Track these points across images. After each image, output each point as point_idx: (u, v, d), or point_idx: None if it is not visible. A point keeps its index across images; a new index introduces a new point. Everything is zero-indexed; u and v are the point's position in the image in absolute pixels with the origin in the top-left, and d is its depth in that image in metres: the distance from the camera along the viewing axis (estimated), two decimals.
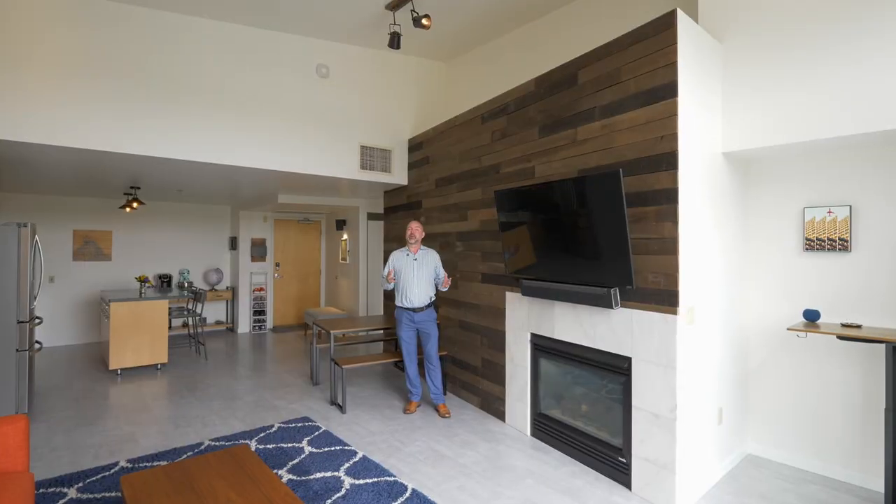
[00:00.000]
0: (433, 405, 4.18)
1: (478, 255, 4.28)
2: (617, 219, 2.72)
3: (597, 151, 3.10)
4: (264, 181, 5.42)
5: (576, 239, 3.04)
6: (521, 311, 3.74)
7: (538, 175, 3.57)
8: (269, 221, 8.38)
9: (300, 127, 4.70)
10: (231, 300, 8.20)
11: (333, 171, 4.95)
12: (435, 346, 4.09)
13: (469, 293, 4.38)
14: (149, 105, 3.94)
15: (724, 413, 3.06)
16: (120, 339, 5.25)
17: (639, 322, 2.80)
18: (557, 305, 3.38)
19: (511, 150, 3.87)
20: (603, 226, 2.84)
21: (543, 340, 3.54)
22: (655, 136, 2.73)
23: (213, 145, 4.22)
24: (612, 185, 2.71)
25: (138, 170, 4.78)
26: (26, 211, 6.57)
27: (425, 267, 4.08)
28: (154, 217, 7.57)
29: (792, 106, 2.71)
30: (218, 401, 4.43)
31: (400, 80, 5.48)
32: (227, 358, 6.16)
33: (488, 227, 4.13)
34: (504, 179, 3.93)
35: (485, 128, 4.20)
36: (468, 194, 4.42)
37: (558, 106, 3.41)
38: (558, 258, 3.21)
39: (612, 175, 2.71)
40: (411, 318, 4.06)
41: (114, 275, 7.18)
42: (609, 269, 2.83)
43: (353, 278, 7.52)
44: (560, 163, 3.38)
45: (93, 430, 3.72)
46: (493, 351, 4.08)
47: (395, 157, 5.42)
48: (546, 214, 3.25)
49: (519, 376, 3.77)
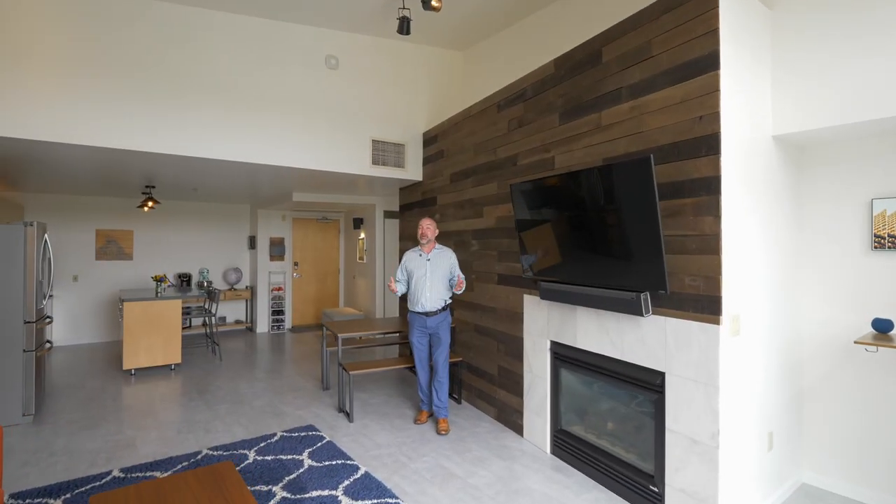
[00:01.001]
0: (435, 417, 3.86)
1: (494, 254, 3.96)
2: (648, 213, 2.36)
3: (624, 137, 2.74)
4: (275, 178, 5.26)
5: (601, 236, 2.69)
6: (539, 316, 3.40)
7: (558, 166, 3.23)
8: (288, 220, 8.28)
9: (308, 121, 4.49)
10: (250, 299, 8.14)
11: (343, 167, 4.72)
12: (445, 353, 3.77)
13: (485, 295, 4.07)
14: (159, 102, 3.81)
15: (774, 438, 2.65)
16: (133, 339, 5.19)
17: (674, 332, 2.43)
18: (580, 311, 3.03)
19: (529, 140, 3.53)
20: (631, 221, 2.49)
21: (564, 349, 3.20)
22: (693, 116, 2.36)
23: (219, 141, 4.06)
24: (642, 174, 2.35)
25: (151, 168, 4.69)
26: (50, 211, 6.65)
27: (439, 267, 3.76)
28: (174, 216, 7.57)
29: (862, 77, 2.29)
30: (225, 405, 4.27)
31: (413, 70, 5.21)
32: (242, 359, 6.05)
33: (504, 224, 3.81)
34: (521, 172, 3.61)
35: (501, 117, 3.88)
36: (483, 189, 4.11)
37: (580, 88, 3.06)
38: (581, 258, 2.86)
39: (641, 162, 2.36)
40: (424, 324, 3.75)
41: (135, 274, 7.22)
42: (639, 271, 2.47)
43: (370, 278, 7.31)
44: (583, 151, 3.03)
45: (95, 434, 3.61)
46: (511, 359, 3.76)
47: (408, 152, 5.16)
48: (567, 209, 2.91)
49: (538, 388, 3.44)
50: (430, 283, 3.71)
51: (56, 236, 6.71)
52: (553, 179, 2.99)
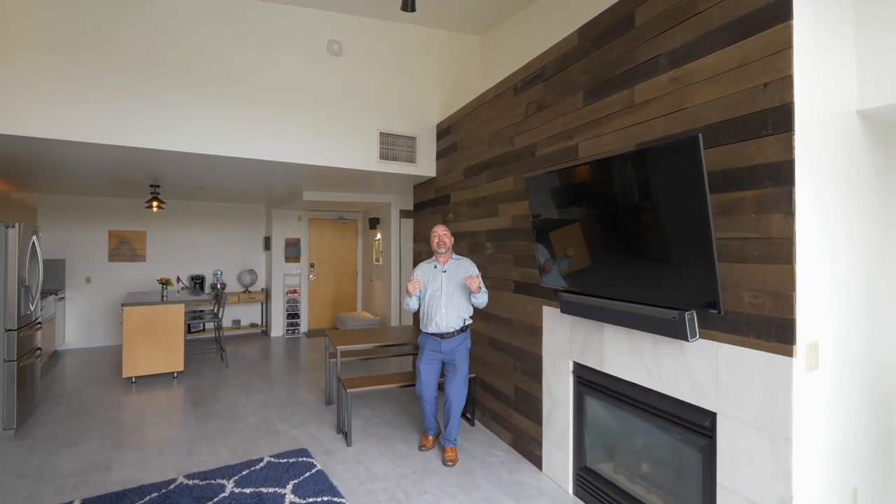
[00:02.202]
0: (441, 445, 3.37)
1: (509, 258, 3.48)
2: (695, 209, 1.84)
3: (663, 116, 2.21)
4: (279, 176, 4.93)
5: (634, 239, 2.17)
6: (560, 332, 2.90)
7: (582, 154, 2.72)
8: (304, 220, 8.00)
9: (309, 113, 4.12)
10: (265, 302, 7.91)
11: (348, 163, 4.33)
12: (461, 385, 3.25)
13: (500, 304, 3.59)
14: (154, 96, 3.54)
15: (859, 494, 2.07)
16: (133, 345, 4.97)
17: (728, 363, 1.90)
18: (608, 329, 2.52)
19: (549, 126, 3.03)
20: (674, 220, 1.97)
21: (590, 373, 2.69)
22: (755, 84, 1.82)
23: (213, 135, 3.74)
24: (688, 159, 1.83)
25: (153, 166, 4.43)
26: (63, 212, 6.58)
27: (457, 279, 3.24)
28: (187, 217, 7.41)
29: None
30: (217, 421, 3.95)
31: (426, 57, 4.78)
32: (249, 366, 5.77)
33: (521, 223, 3.32)
34: (540, 163, 3.11)
35: (518, 101, 3.39)
36: (499, 184, 3.63)
37: (608, 61, 2.54)
38: (609, 266, 2.35)
39: (686, 144, 1.83)
40: (437, 348, 3.22)
41: (148, 275, 7.08)
42: (683, 284, 1.95)
43: (386, 281, 6.93)
44: (611, 136, 2.51)
45: (73, 453, 3.34)
46: (528, 379, 3.26)
47: (420, 146, 4.73)
48: (592, 206, 2.40)
49: (559, 416, 2.93)
50: (447, 298, 3.20)
51: (69, 237, 6.63)
52: (575, 170, 2.49)
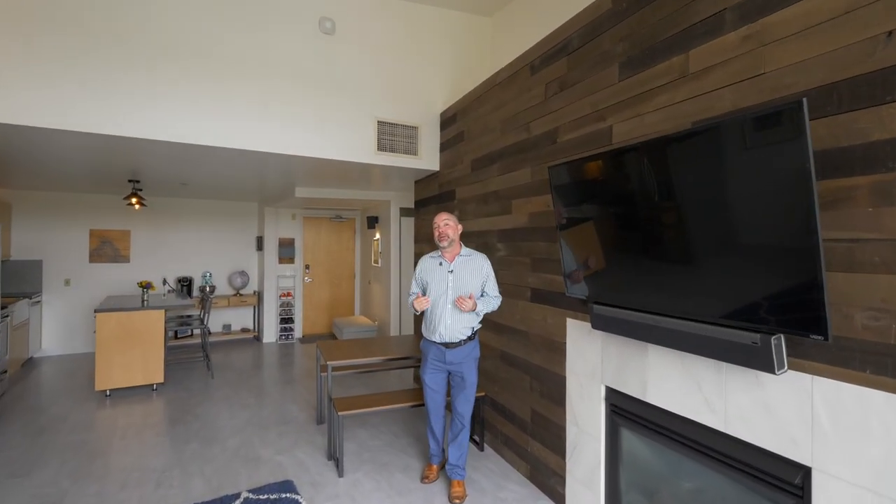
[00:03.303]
0: (447, 477, 2.91)
1: (525, 262, 3.02)
2: (793, 200, 1.38)
3: (731, 85, 1.75)
4: (268, 169, 4.48)
5: (695, 240, 1.72)
6: (590, 350, 2.45)
7: (618, 138, 2.27)
8: (298, 219, 7.56)
9: (297, 98, 3.67)
10: (257, 306, 7.46)
11: (342, 154, 3.88)
12: (469, 400, 2.82)
13: (514, 314, 3.14)
14: (127, 80, 3.09)
15: None
16: (107, 355, 4.52)
17: (831, 403, 1.44)
18: (653, 351, 2.06)
19: (575, 107, 2.58)
20: (757, 215, 1.51)
21: (627, 402, 2.23)
22: (872, 34, 1.36)
23: (195, 123, 3.30)
24: (785, 133, 1.38)
25: (131, 158, 3.97)
26: (40, 209, 6.14)
27: (466, 281, 2.75)
28: (174, 215, 6.97)
29: None
30: (194, 444, 3.51)
31: (429, 39, 4.33)
32: (236, 376, 5.32)
33: (540, 221, 2.87)
34: (564, 151, 2.66)
35: (535, 81, 2.94)
36: (513, 177, 3.17)
37: (653, 23, 2.09)
38: (658, 273, 1.89)
39: (784, 112, 1.38)
40: (441, 357, 2.78)
41: (132, 277, 6.64)
42: (770, 299, 1.49)
43: (386, 284, 6.48)
44: (657, 115, 2.06)
45: (22, 487, 2.90)
46: (548, 402, 2.81)
47: (423, 136, 4.27)
48: (637, 198, 1.95)
49: (587, 449, 2.48)
50: (454, 306, 2.73)
51: (46, 237, 6.19)
52: (614, 155, 2.03)
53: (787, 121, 1.35)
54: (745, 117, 1.48)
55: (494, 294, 2.80)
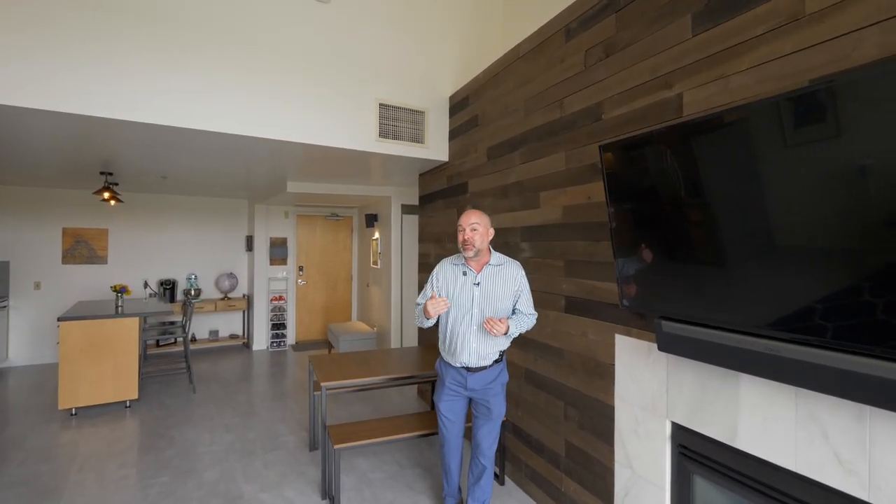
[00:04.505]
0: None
1: (558, 265, 2.54)
2: None
3: (875, 25, 1.27)
4: (255, 159, 3.97)
5: (837, 231, 1.24)
6: (650, 375, 1.96)
7: (690, 108, 1.79)
8: (292, 217, 7.04)
9: (287, 75, 3.18)
10: (246, 310, 6.94)
11: (338, 140, 3.39)
12: (494, 433, 2.33)
13: (543, 327, 2.65)
14: (90, 50, 2.58)
15: None
16: (72, 370, 4.00)
17: None
18: (747, 382, 1.58)
19: (626, 75, 2.09)
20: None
21: (705, 445, 1.75)
22: None
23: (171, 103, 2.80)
24: None
25: (101, 144, 3.45)
26: (7, 205, 5.59)
27: (497, 297, 2.24)
28: (157, 212, 6.43)
29: None
30: (165, 476, 3.00)
31: (437, 12, 3.84)
32: (221, 390, 4.80)
33: (578, 216, 2.38)
34: (611, 129, 2.17)
35: (572, 48, 2.46)
36: (541, 165, 2.69)
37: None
38: (767, 279, 1.41)
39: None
40: (461, 382, 2.28)
41: (110, 280, 6.09)
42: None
43: (386, 288, 5.98)
44: (750, 75, 1.58)
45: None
46: (588, 435, 2.32)
47: (430, 122, 3.79)
48: (734, 181, 1.46)
49: (645, 498, 1.99)
50: (479, 327, 2.22)
51: (14, 236, 5.65)
52: (704, 124, 1.55)
53: None
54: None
55: (529, 311, 2.30)
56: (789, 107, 1.28)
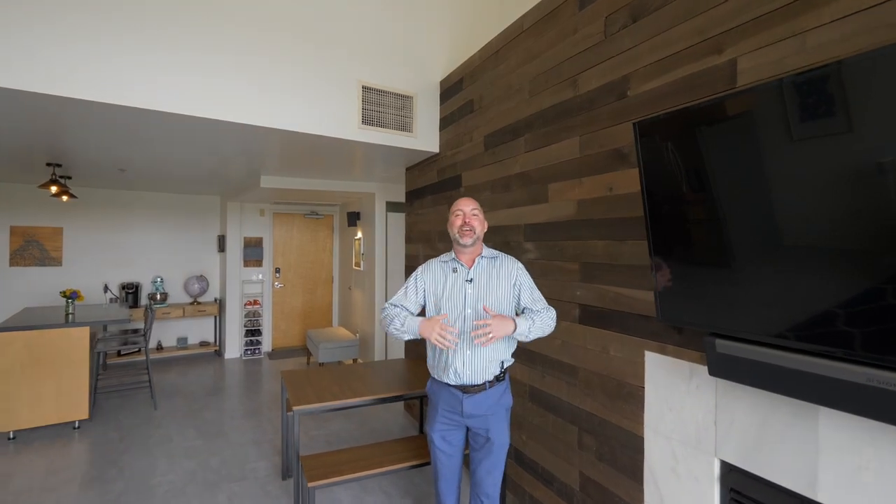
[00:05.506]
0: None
1: (571, 268, 2.19)
2: None
3: None
4: (224, 149, 3.54)
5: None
6: (692, 403, 1.62)
7: (747, 77, 1.45)
8: (268, 216, 6.58)
9: (257, 49, 2.77)
10: (218, 316, 6.45)
11: (315, 126, 2.99)
12: (497, 468, 1.96)
13: (552, 339, 2.30)
14: (27, 16, 2.13)
15: None
16: (10, 387, 3.51)
17: None
18: (827, 418, 1.24)
19: (661, 41, 1.75)
20: None
21: (768, 493, 1.41)
22: None
23: (119, 76, 2.36)
24: None
25: (45, 127, 2.98)
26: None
27: (491, 294, 1.91)
28: (119, 210, 5.90)
29: None
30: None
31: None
32: (186, 405, 4.34)
33: (596, 211, 2.04)
34: (640, 107, 1.83)
35: (587, 16, 2.11)
36: (549, 153, 2.34)
37: None
38: (867, 283, 1.07)
39: None
40: (456, 407, 1.91)
41: (64, 283, 5.55)
42: None
43: (369, 291, 5.57)
44: (833, 30, 1.25)
45: None
46: (609, 468, 1.98)
47: (418, 108, 3.41)
48: (818, 163, 1.13)
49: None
50: (474, 329, 1.85)
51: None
52: (803, 83, 1.21)
53: None
54: None
55: (542, 306, 1.93)
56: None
